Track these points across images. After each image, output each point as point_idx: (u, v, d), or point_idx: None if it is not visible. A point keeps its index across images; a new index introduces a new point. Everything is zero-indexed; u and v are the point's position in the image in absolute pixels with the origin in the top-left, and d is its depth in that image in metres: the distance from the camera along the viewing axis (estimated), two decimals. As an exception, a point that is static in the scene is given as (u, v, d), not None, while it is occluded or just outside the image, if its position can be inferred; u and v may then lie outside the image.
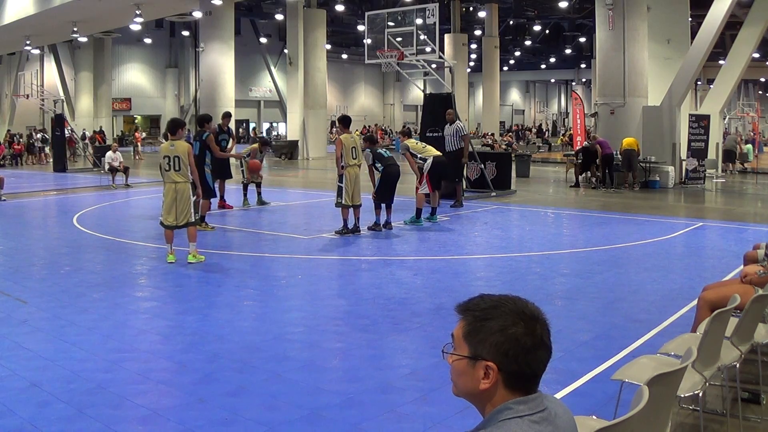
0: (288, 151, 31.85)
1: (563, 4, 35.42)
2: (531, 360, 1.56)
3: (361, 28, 30.44)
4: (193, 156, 11.73)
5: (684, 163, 18.64)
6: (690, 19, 21.06)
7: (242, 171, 14.88)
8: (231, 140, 13.55)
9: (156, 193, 15.92)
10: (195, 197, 8.89)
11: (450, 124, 14.00)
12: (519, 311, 1.58)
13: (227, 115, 13.65)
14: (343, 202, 10.65)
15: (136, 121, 48.71)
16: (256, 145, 14.98)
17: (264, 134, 45.27)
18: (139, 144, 35.61)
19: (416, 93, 52.78)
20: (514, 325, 1.56)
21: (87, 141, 34.16)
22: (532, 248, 9.86)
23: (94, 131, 38.50)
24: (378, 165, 11.10)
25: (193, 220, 8.82)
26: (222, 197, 14.13)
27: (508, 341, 1.55)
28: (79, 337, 5.70)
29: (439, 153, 12.03)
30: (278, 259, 9.26)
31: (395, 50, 15.49)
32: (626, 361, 4.67)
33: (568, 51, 51.52)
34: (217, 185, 13.81)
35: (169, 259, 8.73)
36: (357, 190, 10.76)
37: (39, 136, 32.87)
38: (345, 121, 11.02)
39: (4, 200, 15.92)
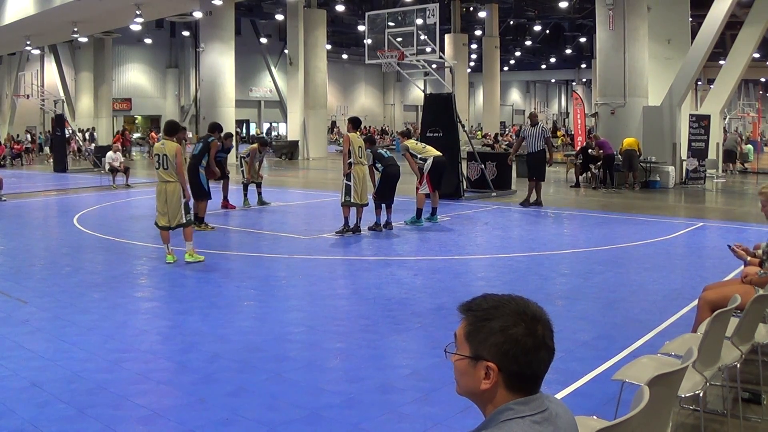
0: (288, 151, 31.86)
1: (563, 4, 35.43)
2: (532, 361, 1.56)
3: (361, 28, 30.45)
4: (192, 155, 11.80)
5: (684, 163, 18.64)
6: (690, 19, 21.04)
7: (242, 171, 14.89)
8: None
9: (156, 193, 15.92)
10: (185, 199, 8.84)
11: (533, 126, 14.35)
12: (520, 311, 1.58)
13: (229, 136, 13.74)
14: (352, 200, 10.63)
15: (137, 121, 48.73)
16: (255, 146, 14.98)
17: (264, 134, 45.23)
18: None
19: (416, 93, 52.76)
20: (515, 325, 1.56)
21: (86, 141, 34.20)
22: (532, 248, 9.86)
23: (118, 131, 38.38)
24: (378, 165, 11.11)
25: (185, 221, 8.77)
26: (225, 197, 14.17)
27: (509, 342, 1.55)
28: (80, 338, 5.70)
29: (439, 153, 12.02)
30: (278, 259, 9.26)
31: (395, 50, 15.48)
32: (627, 361, 4.67)
33: (568, 51, 51.52)
34: (219, 186, 13.84)
35: (168, 259, 8.74)
36: (365, 189, 10.77)
37: (27, 136, 32.89)
38: (356, 122, 11.09)
39: (5, 200, 15.92)
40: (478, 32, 43.38)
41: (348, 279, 8.23)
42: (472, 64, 49.75)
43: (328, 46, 36.73)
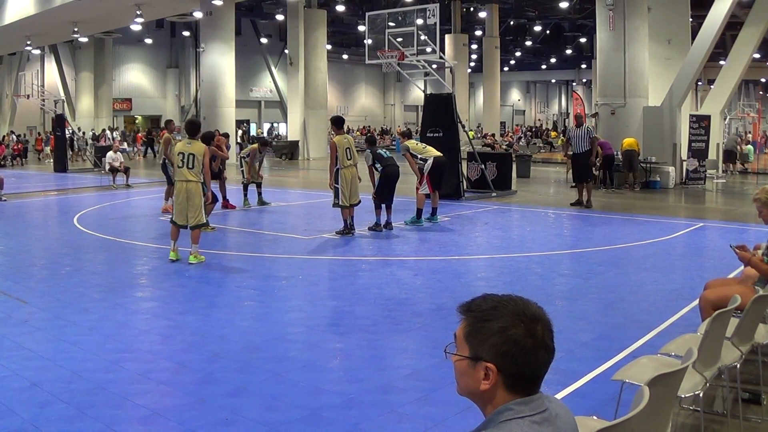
0: (288, 151, 31.85)
1: (564, 5, 35.38)
2: (531, 361, 1.56)
3: (361, 28, 30.43)
4: None
5: (684, 163, 18.64)
6: (690, 19, 21.04)
7: (242, 171, 14.88)
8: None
9: (157, 193, 15.94)
10: (205, 199, 8.86)
11: (578, 127, 14.45)
12: (519, 312, 1.58)
13: (225, 136, 13.84)
14: (340, 203, 10.65)
15: (137, 121, 48.71)
16: (255, 146, 14.97)
17: (264, 134, 45.21)
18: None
19: (417, 93, 52.74)
20: (513, 326, 1.56)
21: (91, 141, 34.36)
22: (532, 248, 9.86)
23: (138, 131, 38.53)
24: (377, 165, 11.11)
25: (204, 222, 8.84)
26: (225, 197, 14.16)
27: (508, 342, 1.55)
28: (80, 338, 5.70)
29: (439, 153, 12.02)
30: (279, 259, 9.26)
31: (396, 50, 15.48)
32: (627, 361, 4.67)
33: (568, 51, 51.46)
34: (217, 186, 13.83)
35: (172, 256, 8.75)
36: (354, 190, 10.74)
37: (13, 137, 32.97)
38: (338, 122, 11.03)
39: (5, 200, 15.92)
40: (478, 32, 43.36)
41: (348, 279, 8.23)
42: (472, 64, 49.68)
43: (329, 47, 36.70)
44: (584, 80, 62.65)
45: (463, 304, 1.65)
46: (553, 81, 72.19)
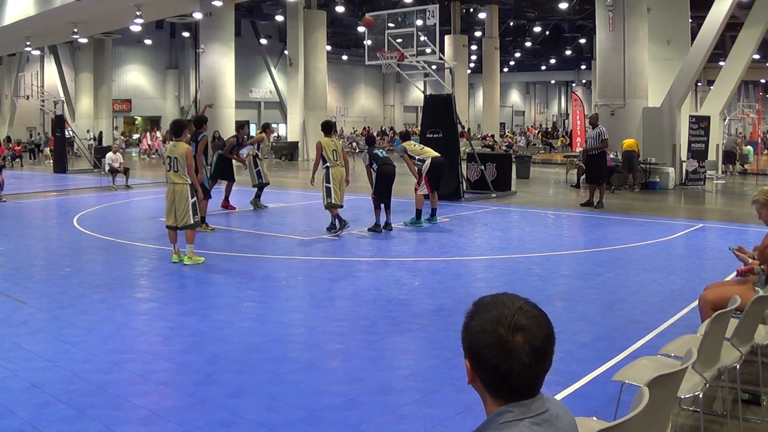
0: (288, 152, 31.85)
1: (563, 6, 35.42)
2: (501, 371, 1.50)
3: (361, 29, 30.40)
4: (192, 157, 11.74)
5: (684, 164, 18.65)
6: (690, 20, 21.06)
7: (257, 172, 14.49)
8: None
9: (157, 194, 15.93)
10: (194, 199, 8.84)
11: (593, 128, 14.49)
12: (500, 318, 1.51)
13: (244, 125, 13.47)
14: (333, 201, 10.76)
15: (137, 122, 48.71)
16: (261, 135, 14.58)
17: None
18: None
19: (416, 94, 52.75)
20: (488, 332, 1.51)
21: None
22: (532, 249, 9.86)
23: (167, 131, 38.92)
24: (374, 165, 11.15)
25: (192, 222, 8.80)
26: (227, 198, 14.08)
27: (479, 345, 1.52)
28: (79, 338, 5.69)
29: (437, 154, 12.02)
30: (278, 260, 9.26)
31: (395, 51, 15.49)
32: (627, 362, 4.67)
33: (568, 52, 51.54)
34: (222, 187, 13.79)
35: (174, 258, 8.77)
36: (343, 191, 10.96)
37: None
38: (326, 127, 11.23)
39: (4, 201, 15.91)
40: (477, 33, 43.43)
41: (348, 280, 8.22)
42: (471, 65, 49.75)
43: (328, 47, 36.73)
44: (584, 81, 62.70)
45: (477, 298, 1.64)
46: (553, 82, 72.29)
